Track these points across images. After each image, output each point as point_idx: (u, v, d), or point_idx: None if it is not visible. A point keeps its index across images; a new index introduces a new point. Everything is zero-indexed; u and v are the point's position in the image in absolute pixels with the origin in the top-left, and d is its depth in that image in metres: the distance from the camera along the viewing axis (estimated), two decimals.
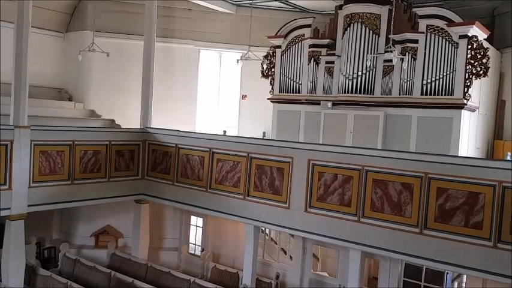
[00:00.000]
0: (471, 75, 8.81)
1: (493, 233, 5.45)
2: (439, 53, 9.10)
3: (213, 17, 13.18)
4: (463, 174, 5.69)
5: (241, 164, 7.78)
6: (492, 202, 5.47)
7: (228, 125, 13.27)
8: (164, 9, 12.34)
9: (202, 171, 8.28)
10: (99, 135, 8.66)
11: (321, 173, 6.90)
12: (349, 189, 6.61)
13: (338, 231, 6.69)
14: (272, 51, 11.60)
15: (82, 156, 8.18)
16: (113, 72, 12.45)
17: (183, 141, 8.65)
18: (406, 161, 6.21)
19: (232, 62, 12.29)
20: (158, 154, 9.03)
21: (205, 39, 13.27)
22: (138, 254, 9.36)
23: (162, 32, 12.06)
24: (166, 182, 8.85)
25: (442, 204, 5.83)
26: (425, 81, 9.22)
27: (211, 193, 8.15)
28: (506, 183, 5.39)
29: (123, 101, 12.23)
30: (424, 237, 5.94)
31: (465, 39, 8.80)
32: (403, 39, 9.40)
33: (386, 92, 9.75)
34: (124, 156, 8.89)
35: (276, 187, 7.35)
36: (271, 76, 11.64)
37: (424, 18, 9.26)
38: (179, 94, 13.02)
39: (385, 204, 6.28)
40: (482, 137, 10.27)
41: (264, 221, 7.57)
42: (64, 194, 7.95)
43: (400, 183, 6.19)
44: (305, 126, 11.02)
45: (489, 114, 10.54)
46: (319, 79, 10.71)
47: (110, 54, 10.03)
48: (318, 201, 6.91)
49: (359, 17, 9.75)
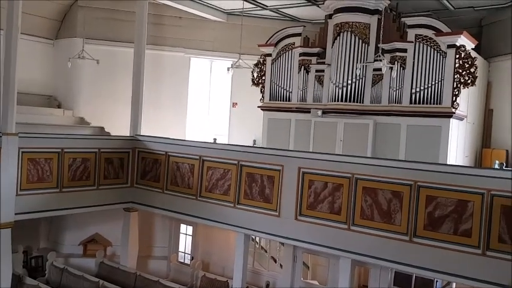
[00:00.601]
0: (459, 84, 8.92)
1: (481, 240, 5.49)
2: (427, 62, 9.20)
3: (204, 25, 13.21)
4: (452, 182, 5.73)
5: (232, 171, 7.76)
6: (481, 210, 5.51)
7: (219, 132, 13.26)
8: (155, 17, 12.35)
9: (192, 179, 8.24)
10: (88, 143, 8.58)
11: (311, 181, 6.90)
12: (339, 197, 6.62)
13: (328, 239, 6.69)
14: (262, 59, 11.65)
15: (71, 164, 8.10)
16: (103, 80, 12.40)
17: (173, 149, 8.61)
18: (395, 169, 6.24)
19: (223, 70, 12.32)
20: (148, 162, 8.98)
21: (196, 47, 13.29)
22: (126, 263, 9.25)
23: (153, 40, 12.05)
24: (155, 190, 8.79)
25: (432, 212, 5.86)
26: (414, 90, 9.32)
27: (201, 201, 8.11)
28: (494, 191, 5.44)
29: (113, 109, 12.17)
30: (414, 245, 5.95)
31: (453, 49, 8.92)
32: (392, 49, 9.49)
33: (376, 101, 9.83)
34: (113, 164, 8.82)
35: (266, 195, 7.34)
36: (261, 84, 11.68)
37: (413, 27, 9.37)
38: (169, 102, 13.00)
39: (375, 212, 6.30)
40: (470, 145, 10.38)
41: (254, 229, 7.55)
42: (52, 202, 7.85)
43: (389, 191, 6.21)
44: (295, 134, 11.05)
45: (477, 123, 10.66)
46: (309, 87, 10.76)
47: (99, 61, 10.00)
48: (308, 209, 6.90)
49: (349, 26, 9.83)
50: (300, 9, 12.04)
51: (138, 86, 9.47)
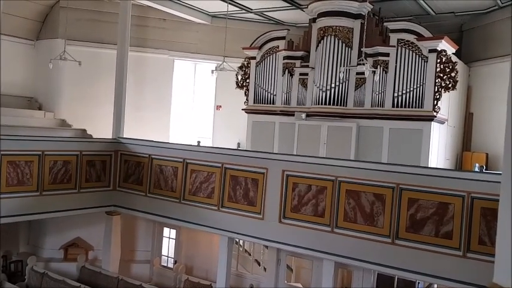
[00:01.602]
0: (440, 88, 9.05)
1: (462, 242, 5.57)
2: (409, 66, 9.32)
3: (188, 28, 13.17)
4: (433, 185, 5.81)
5: (216, 174, 7.74)
6: (461, 212, 5.59)
7: (202, 135, 13.21)
8: (138, 19, 12.27)
9: (176, 182, 8.19)
10: (70, 145, 8.47)
11: (295, 183, 6.93)
12: (323, 199, 6.65)
13: (312, 242, 6.71)
14: (247, 62, 11.65)
15: (51, 167, 7.98)
16: (85, 81, 12.25)
17: (157, 152, 8.55)
18: (378, 172, 6.29)
19: (207, 73, 12.30)
20: (131, 165, 8.90)
21: (179, 49, 13.24)
22: (108, 267, 9.14)
23: (136, 42, 11.98)
24: (138, 193, 8.72)
25: (413, 215, 5.93)
26: (397, 94, 9.42)
27: (185, 204, 8.06)
28: (474, 193, 5.53)
29: (95, 111, 12.04)
30: (396, 247, 6.02)
31: (434, 53, 9.05)
32: (374, 53, 9.59)
33: (359, 104, 9.91)
34: (95, 166, 8.72)
35: (251, 198, 7.33)
36: (245, 87, 11.68)
37: (395, 32, 9.48)
38: (153, 104, 12.91)
39: (358, 215, 6.34)
40: (451, 148, 10.53)
41: (238, 232, 7.53)
42: (32, 205, 7.71)
43: (372, 193, 6.26)
44: (279, 137, 11.07)
45: (458, 127, 10.83)
46: (293, 90, 10.80)
47: (81, 63, 9.88)
48: (292, 212, 6.92)
49: (332, 30, 9.91)
50: (284, 13, 12.09)
51: (120, 88, 9.39)
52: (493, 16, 10.52)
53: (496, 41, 10.40)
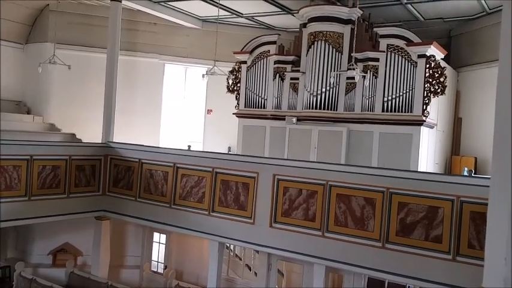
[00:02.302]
0: (429, 93, 9.13)
1: (452, 246, 5.60)
2: (399, 71, 9.39)
3: (179, 32, 13.17)
4: (423, 189, 5.84)
5: (206, 179, 7.71)
6: (450, 216, 5.63)
7: (193, 139, 13.18)
8: (129, 23, 12.24)
9: (166, 187, 8.15)
10: (59, 150, 8.39)
11: (286, 188, 6.92)
12: (314, 204, 6.66)
13: (303, 246, 6.71)
14: (238, 66, 11.67)
15: (40, 172, 7.89)
16: (75, 85, 12.19)
17: (147, 156, 8.51)
18: (368, 176, 6.32)
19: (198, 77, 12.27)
20: (120, 169, 8.83)
21: (170, 53, 13.23)
22: (98, 273, 9.04)
23: (127, 46, 11.94)
24: (128, 197, 8.65)
25: (403, 219, 5.95)
26: (386, 99, 9.48)
27: (175, 209, 8.02)
28: (463, 197, 5.56)
29: (85, 115, 11.96)
30: (386, 251, 6.03)
31: (423, 59, 9.13)
32: (364, 58, 9.65)
33: (349, 109, 9.96)
34: (85, 171, 8.65)
35: (241, 202, 7.31)
36: (236, 91, 11.69)
37: (385, 37, 9.55)
38: (143, 108, 12.87)
39: (349, 219, 6.36)
40: (440, 152, 10.62)
41: (228, 237, 7.51)
42: (20, 210, 7.61)
43: (363, 197, 6.28)
44: (270, 141, 11.08)
45: (447, 131, 10.92)
46: (284, 95, 10.83)
47: (71, 66, 9.82)
48: (282, 216, 6.91)
49: (323, 35, 9.96)
50: (275, 18, 12.13)
51: (110, 92, 9.34)
52: (480, 22, 10.66)
53: (484, 47, 10.53)
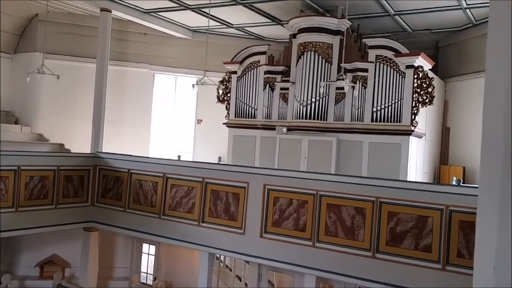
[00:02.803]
0: (418, 103, 9.21)
1: (441, 255, 5.62)
2: (387, 81, 9.47)
3: (169, 42, 13.18)
4: (412, 198, 5.87)
5: (196, 189, 7.68)
6: (440, 225, 5.66)
7: (183, 149, 13.14)
8: (118, 33, 12.24)
9: (156, 197, 8.10)
10: (47, 160, 8.32)
11: (277, 198, 6.92)
12: (304, 214, 6.65)
13: (293, 257, 6.69)
14: (228, 76, 11.69)
15: (28, 182, 7.80)
16: (63, 95, 12.11)
17: (136, 166, 8.46)
18: (358, 186, 6.33)
19: (188, 87, 12.28)
20: (109, 180, 8.77)
21: (160, 63, 13.22)
22: (86, 285, 8.92)
23: (116, 55, 11.93)
24: (117, 208, 8.58)
25: (393, 228, 5.97)
26: (375, 109, 9.55)
27: (165, 219, 7.96)
28: (452, 207, 5.60)
29: (74, 125, 11.88)
30: (377, 261, 6.03)
31: (412, 69, 9.23)
32: (354, 68, 9.73)
33: (339, 118, 10.00)
34: (73, 182, 8.57)
35: (232, 213, 7.29)
36: (227, 101, 11.70)
37: (373, 48, 9.65)
38: (133, 118, 12.82)
39: (339, 229, 6.36)
40: (429, 162, 10.69)
41: (218, 248, 7.46)
42: (7, 222, 7.50)
43: (353, 207, 6.29)
44: (260, 151, 11.09)
45: (435, 141, 11.01)
46: (274, 105, 10.86)
47: (60, 76, 9.76)
48: (273, 227, 6.90)
49: (312, 45, 10.03)
50: (265, 28, 12.21)
51: (99, 102, 9.29)
52: (467, 33, 10.81)
53: (471, 57, 10.68)
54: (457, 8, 9.36)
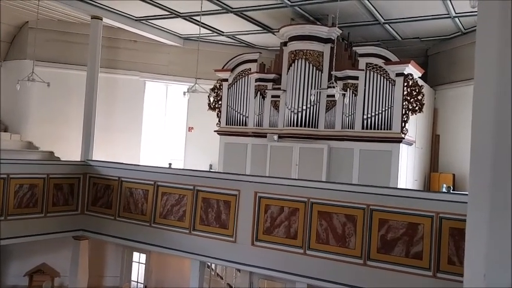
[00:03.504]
0: (408, 110, 9.28)
1: (432, 262, 5.64)
2: (377, 89, 9.53)
3: (160, 49, 13.18)
4: (403, 205, 5.90)
5: (187, 197, 7.65)
6: (430, 232, 5.68)
7: (174, 157, 13.09)
8: (109, 40, 12.22)
9: (146, 205, 8.05)
10: (36, 168, 8.25)
11: (268, 205, 6.91)
12: (295, 221, 6.65)
13: (284, 264, 6.67)
14: (219, 84, 11.70)
15: (17, 191, 7.73)
16: (53, 103, 12.03)
17: (127, 174, 8.41)
18: (349, 193, 6.35)
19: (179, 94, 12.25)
20: (99, 188, 8.71)
21: (151, 70, 13.20)
22: None
23: (107, 63, 11.90)
24: (107, 216, 8.52)
25: (384, 235, 5.99)
26: (366, 116, 9.60)
27: (155, 228, 7.92)
28: (443, 214, 5.63)
29: (64, 133, 11.80)
30: (368, 269, 6.04)
31: (401, 77, 9.30)
32: (344, 76, 9.79)
33: (330, 126, 10.04)
34: (63, 190, 8.50)
35: (223, 220, 7.26)
36: (218, 109, 11.70)
37: (364, 56, 9.72)
38: (123, 126, 12.76)
39: (330, 236, 6.36)
40: (419, 169, 10.75)
41: (210, 256, 7.43)
42: None
43: (344, 215, 6.30)
44: (252, 158, 11.08)
45: (425, 148, 11.09)
46: (265, 112, 10.88)
47: (50, 84, 9.71)
48: (264, 234, 6.88)
49: (303, 53, 10.08)
50: (255, 36, 12.25)
51: (90, 110, 9.26)
52: (456, 41, 10.94)
53: (460, 65, 10.80)
54: (446, 16, 9.48)
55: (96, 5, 10.01)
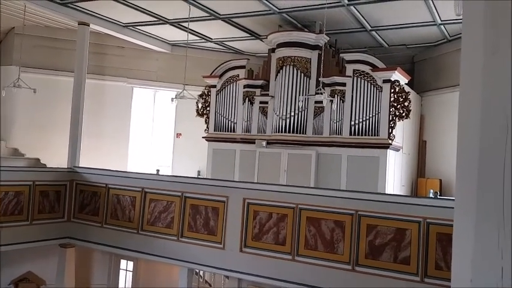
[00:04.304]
0: (395, 117, 9.36)
1: (419, 268, 5.67)
2: (365, 95, 9.61)
3: (148, 55, 13.14)
4: (391, 211, 5.93)
5: (175, 204, 7.60)
6: (418, 238, 5.72)
7: (162, 163, 13.02)
8: (96, 46, 12.14)
9: (134, 212, 7.99)
10: (22, 175, 8.14)
11: (256, 211, 6.90)
12: (284, 227, 6.65)
13: (273, 271, 6.65)
14: (207, 90, 11.69)
15: (2, 198, 7.61)
16: (40, 109, 11.91)
17: (114, 181, 8.34)
18: (337, 199, 6.37)
19: (167, 100, 12.22)
20: (86, 195, 8.62)
21: (139, 77, 13.15)
22: None
23: (94, 69, 11.82)
24: (94, 224, 8.43)
25: (372, 241, 6.01)
26: (353, 122, 9.66)
27: (143, 235, 7.85)
28: (430, 219, 5.67)
29: (50, 139, 11.67)
30: (356, 274, 6.05)
31: (388, 84, 9.39)
32: (332, 82, 9.85)
33: (318, 132, 10.08)
34: (49, 197, 8.39)
35: (211, 227, 7.23)
36: (206, 115, 11.68)
37: (351, 63, 9.80)
38: (111, 132, 12.67)
39: (319, 242, 6.37)
40: (406, 175, 10.84)
41: (198, 263, 7.38)
42: None
43: (332, 220, 6.31)
44: (240, 165, 11.07)
45: (412, 154, 11.19)
46: (253, 118, 10.89)
47: (37, 90, 9.63)
48: (253, 241, 6.86)
49: (291, 60, 10.13)
50: (244, 43, 12.29)
51: (77, 116, 9.18)
52: (442, 48, 11.09)
53: (446, 72, 10.94)
54: (432, 24, 9.61)
55: (83, 11, 9.96)
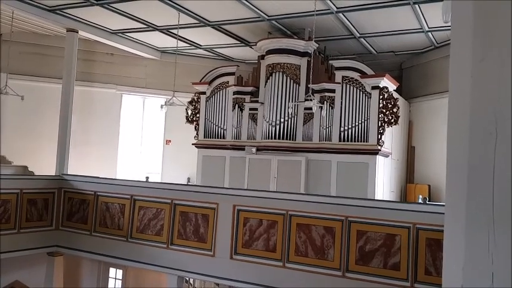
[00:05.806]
0: (383, 123, 9.42)
1: (409, 273, 5.69)
2: (354, 102, 9.67)
3: (137, 62, 13.09)
4: (380, 216, 5.95)
5: (165, 211, 7.55)
6: (407, 243, 5.74)
7: (151, 170, 12.95)
8: (85, 53, 12.09)
9: (123, 220, 7.92)
10: (9, 183, 8.03)
11: (247, 218, 6.87)
12: (274, 234, 6.63)
13: (264, 278, 6.63)
14: (197, 97, 11.67)
15: None
16: (28, 116, 11.80)
17: (103, 189, 8.27)
18: (327, 205, 6.37)
19: (156, 107, 12.18)
20: (75, 202, 8.53)
21: (128, 83, 13.09)
22: None
23: (83, 76, 11.75)
24: (83, 232, 8.34)
25: (362, 247, 6.02)
26: (343, 128, 9.71)
27: (132, 243, 7.78)
28: (419, 224, 5.70)
29: (38, 147, 11.56)
30: (347, 280, 6.05)
31: (377, 90, 9.46)
32: (321, 89, 9.90)
33: (308, 138, 10.11)
34: (37, 205, 8.29)
35: (201, 234, 7.19)
36: (196, 122, 11.66)
37: (340, 69, 9.86)
38: (100, 139, 12.58)
39: (309, 249, 6.36)
40: (395, 180, 10.90)
41: (188, 271, 7.32)
42: None
43: (322, 226, 6.32)
44: (230, 171, 11.05)
45: (401, 160, 11.26)
46: (243, 125, 10.89)
47: (24, 97, 9.53)
48: (243, 248, 6.83)
49: (280, 67, 10.17)
50: (233, 50, 12.31)
51: (65, 123, 9.10)
52: (430, 55, 11.22)
53: (434, 78, 11.06)
54: (420, 31, 9.72)
55: (72, 18, 9.91)
